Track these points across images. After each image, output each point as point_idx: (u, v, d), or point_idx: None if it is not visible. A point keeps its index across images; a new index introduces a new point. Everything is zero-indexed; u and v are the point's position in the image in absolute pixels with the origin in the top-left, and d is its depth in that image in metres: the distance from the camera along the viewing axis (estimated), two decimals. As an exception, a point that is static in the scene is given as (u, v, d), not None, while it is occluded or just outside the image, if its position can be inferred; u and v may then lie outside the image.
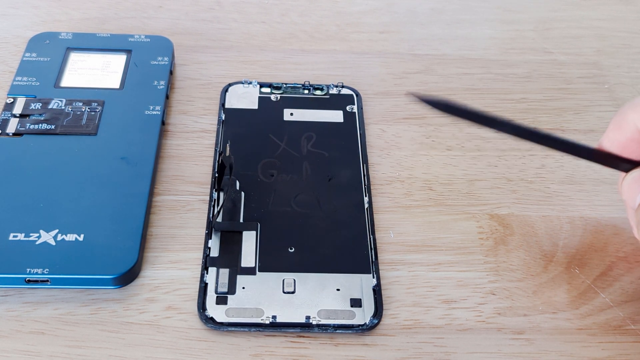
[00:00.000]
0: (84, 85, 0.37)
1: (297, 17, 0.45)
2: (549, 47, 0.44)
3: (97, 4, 0.44)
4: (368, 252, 0.31)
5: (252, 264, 0.30)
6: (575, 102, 0.40)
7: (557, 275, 0.31)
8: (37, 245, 0.29)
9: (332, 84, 0.39)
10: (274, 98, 0.38)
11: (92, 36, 0.40)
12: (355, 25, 0.45)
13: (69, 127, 0.34)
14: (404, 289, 0.30)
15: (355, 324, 0.29)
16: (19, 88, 0.36)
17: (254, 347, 0.28)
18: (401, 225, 0.33)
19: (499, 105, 0.40)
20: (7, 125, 0.34)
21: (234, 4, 0.46)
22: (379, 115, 0.38)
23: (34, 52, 0.39)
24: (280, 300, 0.29)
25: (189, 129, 0.37)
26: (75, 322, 0.28)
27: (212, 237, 0.31)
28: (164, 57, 0.39)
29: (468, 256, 0.32)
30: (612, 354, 0.29)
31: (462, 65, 0.42)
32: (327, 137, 0.36)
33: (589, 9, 0.48)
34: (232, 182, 0.33)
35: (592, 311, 0.30)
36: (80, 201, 0.31)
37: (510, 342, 0.29)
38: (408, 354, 0.28)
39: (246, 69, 0.41)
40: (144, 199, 0.31)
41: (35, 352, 0.27)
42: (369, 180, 0.34)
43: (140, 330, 0.28)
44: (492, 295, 0.31)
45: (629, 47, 0.45)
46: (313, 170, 0.35)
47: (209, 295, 0.29)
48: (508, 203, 0.34)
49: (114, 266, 0.29)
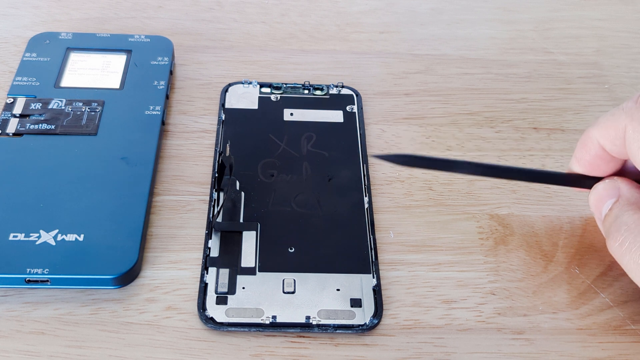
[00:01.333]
0: (84, 85, 0.37)
1: (297, 17, 0.45)
2: (549, 47, 0.44)
3: (97, 4, 0.44)
4: (368, 252, 0.31)
5: (252, 264, 0.30)
6: (575, 102, 0.40)
7: (557, 275, 0.31)
8: (37, 245, 0.29)
9: (332, 84, 0.39)
10: (274, 98, 0.38)
11: (92, 36, 0.40)
12: (355, 25, 0.45)
13: (69, 127, 0.34)
14: (404, 289, 0.31)
15: (355, 324, 0.29)
16: (19, 88, 0.36)
17: (254, 347, 0.28)
18: (401, 225, 0.33)
19: (499, 105, 0.40)
20: (7, 125, 0.34)
21: (234, 4, 0.46)
22: (379, 115, 0.38)
23: (34, 52, 0.39)
24: (280, 300, 0.29)
25: (189, 129, 0.37)
26: (75, 322, 0.28)
27: (212, 237, 0.31)
28: (164, 57, 0.39)
29: (468, 256, 0.32)
30: (612, 354, 0.29)
31: (462, 65, 0.42)
32: (327, 137, 0.36)
33: (589, 9, 0.48)
34: (232, 182, 0.33)
35: (592, 311, 0.30)
36: (80, 201, 0.31)
37: (510, 342, 0.29)
38: (408, 354, 0.28)
39: (246, 69, 0.41)
40: (144, 199, 0.31)
41: (35, 352, 0.27)
42: (369, 180, 0.34)
43: (140, 330, 0.28)
44: (492, 295, 0.31)
45: (629, 47, 0.45)
46: (313, 170, 0.35)
47: (209, 295, 0.29)
48: (508, 203, 0.34)
49: (114, 266, 0.29)
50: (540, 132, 0.38)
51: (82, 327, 0.28)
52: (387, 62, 0.42)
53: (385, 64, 0.42)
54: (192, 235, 0.32)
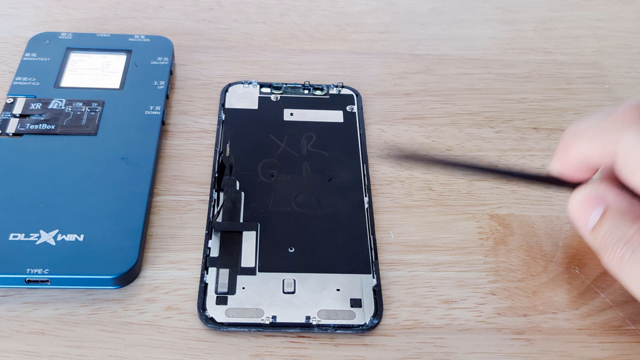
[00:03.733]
0: (84, 86, 0.37)
1: (297, 17, 0.45)
2: (549, 47, 0.44)
3: (97, 4, 0.44)
4: (368, 252, 0.31)
5: (252, 264, 0.30)
6: (575, 102, 0.40)
7: (557, 276, 0.31)
8: (37, 245, 0.29)
9: (332, 84, 0.39)
10: (274, 98, 0.38)
11: (92, 36, 0.40)
12: (355, 25, 0.45)
13: (69, 127, 0.34)
14: (404, 289, 0.30)
15: (355, 324, 0.29)
16: (19, 88, 0.36)
17: (254, 347, 0.28)
18: (401, 225, 0.33)
19: (499, 105, 0.40)
20: (7, 125, 0.34)
21: (234, 4, 0.46)
22: (379, 115, 0.38)
23: (34, 52, 0.39)
24: (280, 301, 0.29)
25: (189, 129, 0.37)
26: (75, 322, 0.28)
27: (212, 237, 0.31)
28: (164, 57, 0.39)
29: (468, 256, 0.32)
30: (612, 354, 0.29)
31: (462, 65, 0.42)
32: (327, 137, 0.36)
33: (589, 9, 0.48)
34: (232, 182, 0.33)
35: (592, 311, 0.30)
36: (80, 201, 0.31)
37: (510, 342, 0.29)
38: (408, 354, 0.28)
39: (246, 69, 0.41)
40: (144, 199, 0.31)
41: (35, 352, 0.27)
42: (369, 180, 0.34)
43: (140, 330, 0.28)
44: (492, 295, 0.31)
45: (629, 47, 0.45)
46: (313, 170, 0.35)
47: (209, 295, 0.29)
48: (508, 203, 0.34)
49: (114, 266, 0.29)
50: (540, 132, 0.38)
51: (82, 327, 0.28)
52: (387, 62, 0.42)
53: (385, 64, 0.42)
54: (192, 235, 0.32)
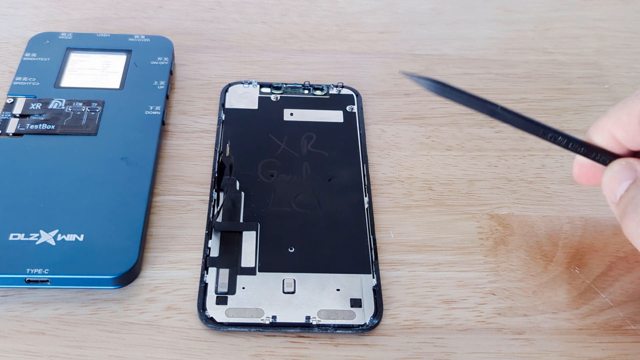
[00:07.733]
0: (84, 86, 0.37)
1: (297, 17, 0.45)
2: (549, 47, 0.44)
3: (97, 4, 0.44)
4: (368, 252, 0.31)
5: (252, 264, 0.30)
6: (575, 102, 0.40)
7: (557, 276, 0.31)
8: (37, 245, 0.29)
9: (332, 84, 0.39)
10: (274, 98, 0.38)
11: (92, 36, 0.40)
12: (355, 25, 0.45)
13: (69, 127, 0.34)
14: (404, 289, 0.31)
15: (355, 324, 0.29)
16: (19, 88, 0.36)
17: (254, 347, 0.28)
18: (401, 225, 0.33)
19: (499, 105, 0.40)
20: (7, 125, 0.34)
21: (234, 4, 0.46)
22: (379, 115, 0.38)
23: (34, 52, 0.39)
24: (280, 301, 0.29)
25: (189, 129, 0.37)
26: (75, 322, 0.28)
27: (212, 237, 0.31)
28: (164, 57, 0.39)
29: (468, 256, 0.32)
30: (612, 354, 0.29)
31: (462, 65, 0.42)
32: (327, 137, 0.36)
33: (589, 9, 0.48)
34: (232, 182, 0.33)
35: (592, 311, 0.30)
36: (80, 201, 0.31)
37: (510, 342, 0.29)
38: (408, 354, 0.28)
39: (246, 69, 0.41)
40: (144, 199, 0.31)
41: (35, 352, 0.27)
42: (369, 180, 0.34)
43: (140, 330, 0.28)
44: (492, 295, 0.31)
45: (629, 47, 0.45)
46: (313, 170, 0.35)
47: (209, 295, 0.29)
48: (508, 203, 0.34)
49: (114, 266, 0.29)
50: (540, 132, 0.38)
51: (82, 327, 0.28)
52: (387, 62, 0.42)
53: (385, 64, 0.42)
54: (192, 235, 0.32)
